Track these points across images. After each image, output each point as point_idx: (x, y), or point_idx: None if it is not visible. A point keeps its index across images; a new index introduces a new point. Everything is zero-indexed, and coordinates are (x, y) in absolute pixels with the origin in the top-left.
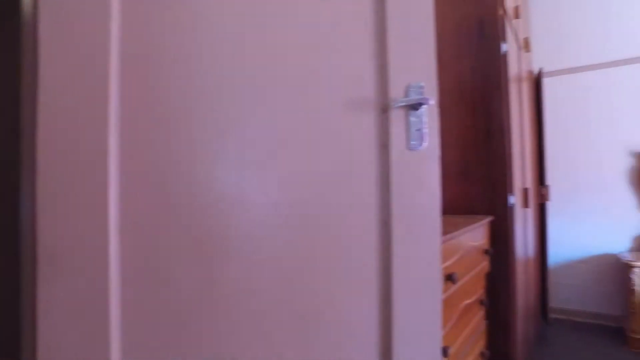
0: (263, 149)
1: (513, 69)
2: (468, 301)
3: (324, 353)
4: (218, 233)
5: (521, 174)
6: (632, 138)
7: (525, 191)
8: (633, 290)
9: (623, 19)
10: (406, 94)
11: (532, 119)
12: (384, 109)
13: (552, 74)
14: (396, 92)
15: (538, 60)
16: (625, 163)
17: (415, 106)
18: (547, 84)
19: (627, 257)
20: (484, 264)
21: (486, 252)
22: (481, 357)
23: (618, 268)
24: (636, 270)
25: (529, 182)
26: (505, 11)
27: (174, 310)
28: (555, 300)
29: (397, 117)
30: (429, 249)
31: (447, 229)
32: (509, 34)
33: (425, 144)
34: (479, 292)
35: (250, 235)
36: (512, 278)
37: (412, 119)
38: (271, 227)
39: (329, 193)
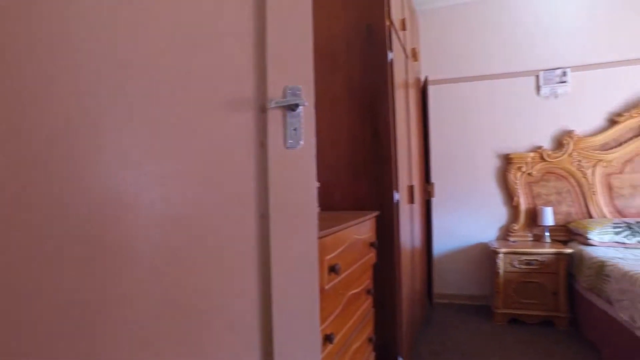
0: (142, 147)
1: (400, 75)
2: (354, 291)
3: (207, 352)
4: (90, 235)
5: (407, 173)
6: (500, 142)
7: (411, 188)
8: (498, 272)
9: (499, 37)
10: (284, 95)
11: (419, 122)
12: (263, 109)
13: (437, 82)
14: (274, 93)
15: (426, 69)
16: (494, 164)
17: (292, 107)
18: (432, 91)
19: (494, 244)
20: (370, 256)
21: (372, 244)
22: (369, 342)
23: (488, 254)
24: (500, 255)
25: (415, 179)
26: (392, 22)
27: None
28: (439, 285)
29: (275, 117)
30: (307, 242)
31: (333, 223)
32: (396, 44)
33: (302, 143)
34: (366, 282)
35: (123, 235)
36: (398, 268)
37: (290, 119)
38: (147, 226)
39: (209, 190)
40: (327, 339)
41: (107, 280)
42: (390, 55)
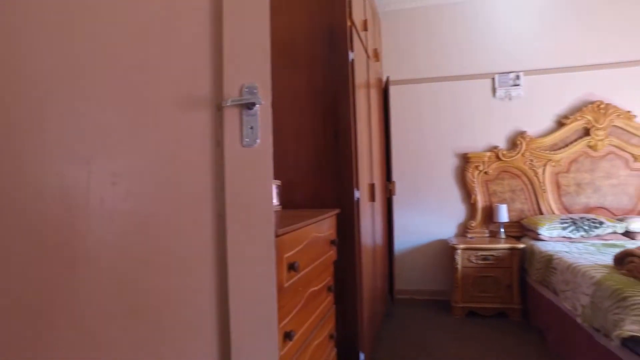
0: (92, 143)
1: (361, 75)
2: (315, 288)
3: (163, 352)
4: (34, 235)
5: (368, 171)
6: (458, 142)
7: (372, 186)
8: (456, 268)
9: (458, 41)
10: (241, 94)
11: (380, 122)
12: (219, 107)
13: (398, 82)
14: (231, 91)
15: (388, 70)
16: (452, 163)
17: (249, 105)
18: (393, 91)
19: (453, 241)
20: (331, 253)
21: (333, 242)
22: (330, 338)
23: (447, 251)
24: (458, 251)
25: (376, 178)
26: (353, 23)
27: None
28: (401, 282)
29: (231, 116)
30: (264, 240)
31: (293, 221)
32: (357, 44)
33: (258, 142)
34: (327, 279)
35: (72, 235)
36: (359, 265)
37: (246, 117)
38: (97, 226)
39: (163, 189)
40: (287, 336)
41: (55, 283)
42: (351, 56)
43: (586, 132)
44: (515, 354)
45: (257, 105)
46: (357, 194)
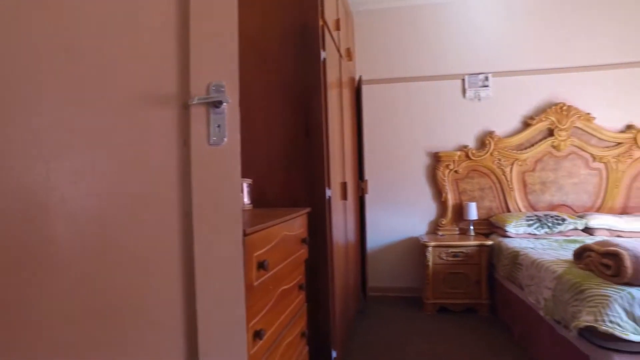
0: (51, 141)
1: (333, 75)
2: (286, 286)
3: (129, 353)
4: None
5: (340, 170)
6: (429, 141)
7: (344, 185)
8: (427, 265)
9: (430, 42)
10: (208, 92)
11: (353, 120)
12: (185, 105)
13: (371, 82)
14: (198, 89)
15: (361, 69)
16: (424, 162)
17: (216, 104)
18: (366, 90)
19: (424, 238)
20: (302, 252)
21: (304, 240)
22: (302, 336)
23: (418, 248)
24: (430, 248)
25: (348, 177)
26: (325, 22)
27: None
28: (374, 279)
29: (198, 114)
30: (232, 239)
31: (264, 220)
32: (329, 43)
33: (226, 140)
34: (298, 277)
35: (35, 231)
36: (330, 263)
37: (213, 116)
38: (58, 224)
39: (128, 187)
40: (257, 335)
41: (12, 283)
42: (323, 55)
43: (550, 133)
44: (483, 348)
45: (225, 104)
46: (328, 193)
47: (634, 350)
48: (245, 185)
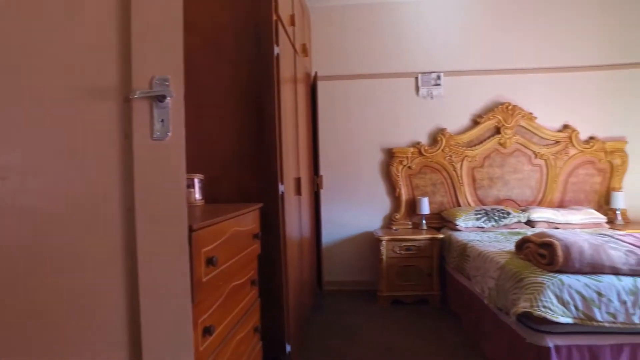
0: None
1: (287, 70)
2: (238, 282)
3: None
4: None
5: (294, 165)
6: (384, 138)
7: (298, 180)
8: (382, 259)
9: (385, 40)
10: (151, 86)
11: (308, 116)
12: (126, 99)
13: (327, 78)
14: (140, 83)
15: (317, 66)
16: (378, 158)
17: (160, 98)
18: (322, 87)
19: (379, 233)
20: (255, 247)
21: (256, 236)
22: (255, 331)
23: (373, 242)
24: (383, 242)
25: (303, 172)
26: (279, 17)
27: None
28: (330, 273)
29: (140, 108)
30: (177, 235)
31: (214, 215)
32: (284, 39)
33: (170, 135)
34: (250, 272)
35: None
36: (284, 258)
37: (157, 110)
38: None
39: (65, 182)
40: (207, 331)
41: None
42: (276, 50)
43: (497, 131)
44: (434, 337)
45: (169, 98)
46: (281, 188)
47: (563, 331)
48: (196, 181)
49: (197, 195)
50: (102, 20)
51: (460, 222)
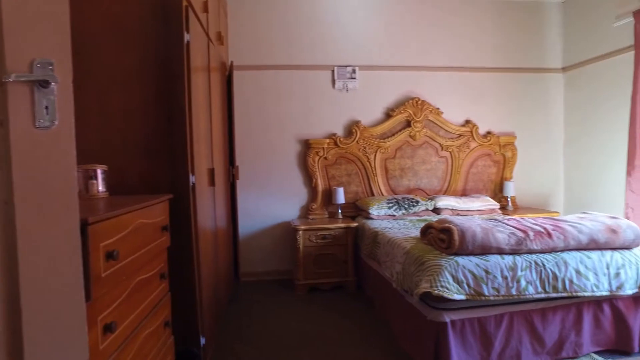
0: None
1: (199, 59)
2: (144, 276)
3: None
4: None
5: (207, 156)
6: (300, 129)
7: (211, 171)
8: (298, 248)
9: (303, 31)
10: (31, 70)
11: (223, 106)
12: (0, 82)
13: (243, 68)
14: (17, 66)
15: (233, 55)
16: (295, 148)
17: (43, 83)
18: (238, 76)
19: (296, 222)
20: (163, 239)
21: (165, 228)
22: (165, 325)
23: (290, 232)
24: (300, 232)
25: (217, 163)
26: (190, 3)
27: None
28: (247, 264)
29: (18, 93)
30: (66, 229)
31: (117, 207)
32: (195, 26)
33: (56, 123)
34: (159, 266)
35: None
36: (196, 250)
37: (40, 96)
38: None
39: None
40: (108, 328)
41: None
42: (187, 37)
43: (408, 124)
44: (349, 320)
45: (54, 84)
46: (192, 179)
47: (458, 307)
48: (99, 172)
49: (101, 187)
50: None
51: (374, 211)
